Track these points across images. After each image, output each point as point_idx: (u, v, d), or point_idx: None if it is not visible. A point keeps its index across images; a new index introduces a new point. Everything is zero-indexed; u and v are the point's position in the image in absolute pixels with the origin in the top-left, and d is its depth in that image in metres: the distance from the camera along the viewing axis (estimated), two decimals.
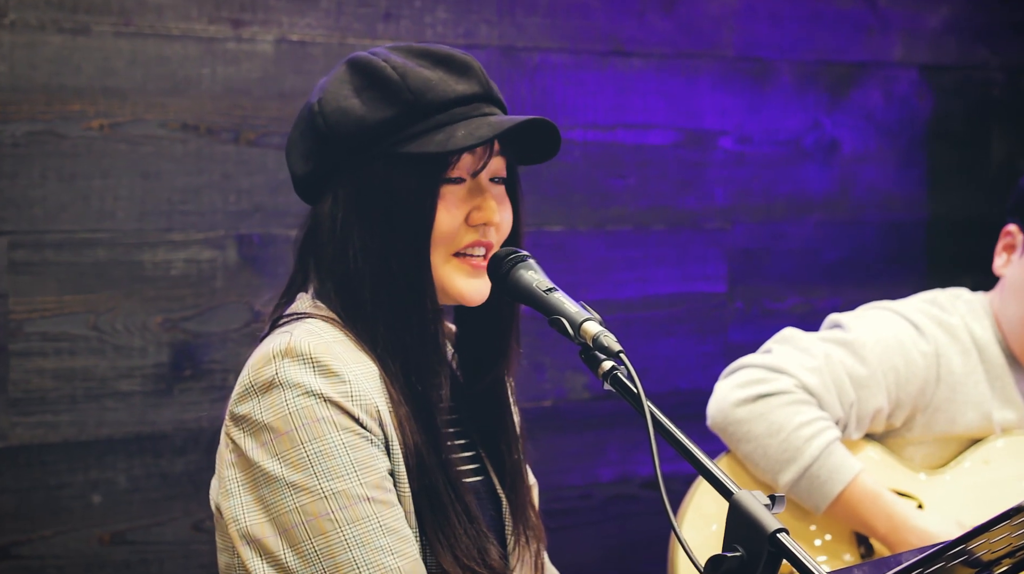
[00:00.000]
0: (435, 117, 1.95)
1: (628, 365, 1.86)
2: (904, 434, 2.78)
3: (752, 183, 3.49)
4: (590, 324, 1.89)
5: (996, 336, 2.84)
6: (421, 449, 1.94)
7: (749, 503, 1.77)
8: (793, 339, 2.76)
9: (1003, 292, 2.81)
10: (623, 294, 3.35)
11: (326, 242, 1.99)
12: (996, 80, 3.80)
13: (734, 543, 1.75)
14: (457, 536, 1.95)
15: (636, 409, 1.86)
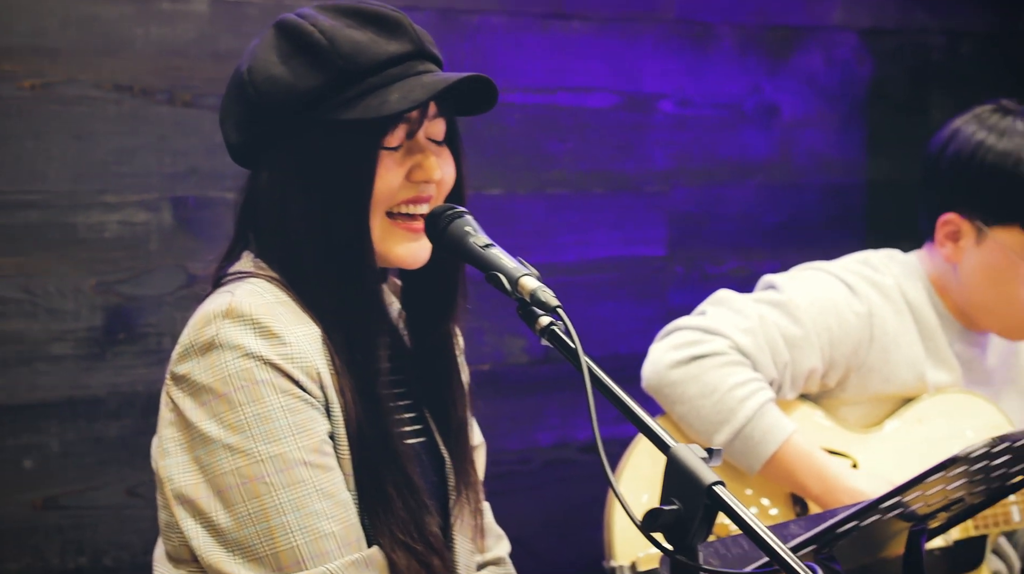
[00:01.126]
0: (368, 80, 1.92)
1: (566, 320, 1.85)
2: (838, 394, 2.78)
3: (692, 147, 3.49)
4: (528, 279, 1.88)
5: (930, 297, 2.85)
6: (362, 420, 1.93)
7: (686, 457, 1.76)
8: (727, 301, 2.76)
9: (959, 275, 2.80)
10: (563, 258, 3.34)
11: (265, 210, 1.97)
12: (935, 44, 3.81)
13: (671, 497, 1.75)
14: (394, 510, 1.94)
15: (573, 364, 1.85)
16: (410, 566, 1.93)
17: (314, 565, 1.86)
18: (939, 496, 1.93)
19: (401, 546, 1.93)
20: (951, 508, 2.04)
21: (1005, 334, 2.84)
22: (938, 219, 2.81)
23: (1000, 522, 2.73)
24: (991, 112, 2.81)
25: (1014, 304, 2.75)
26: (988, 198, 2.74)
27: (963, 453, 1.73)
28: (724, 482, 1.74)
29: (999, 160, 2.73)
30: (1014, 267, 2.73)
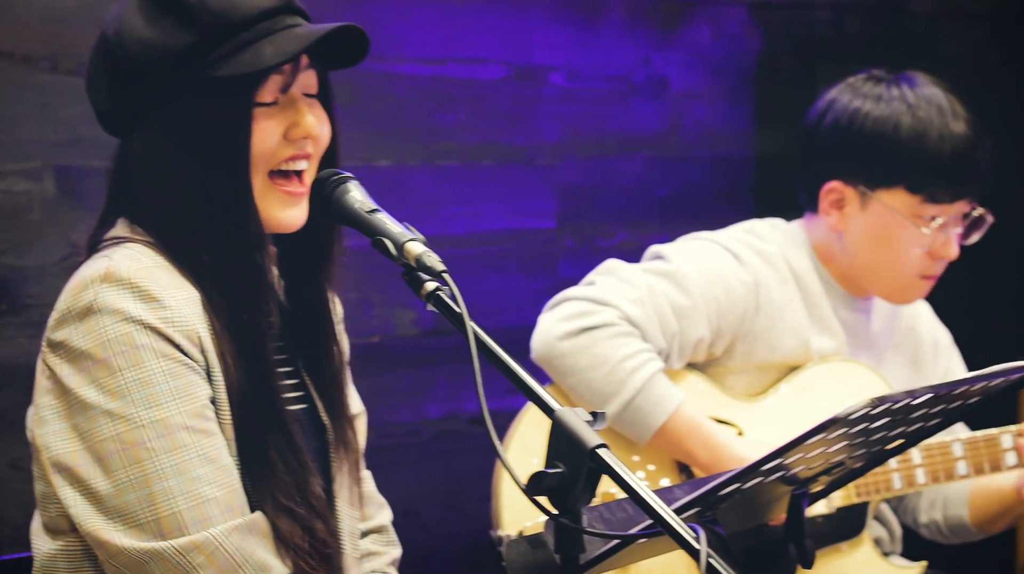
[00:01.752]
0: (239, 36, 1.91)
1: (452, 285, 1.85)
2: (725, 363, 2.81)
3: (582, 119, 3.49)
4: (413, 244, 1.87)
5: (814, 264, 2.88)
6: (244, 382, 1.91)
7: (570, 420, 1.76)
8: (616, 271, 2.77)
9: (845, 242, 2.84)
10: (453, 230, 3.33)
11: (142, 177, 1.95)
12: (822, 19, 3.84)
13: (555, 460, 1.76)
14: (276, 474, 1.92)
15: (459, 328, 1.85)
16: (293, 530, 1.92)
17: (196, 530, 1.84)
18: (820, 459, 1.95)
19: (284, 510, 1.91)
20: (832, 472, 2.06)
21: (892, 297, 2.88)
22: (821, 188, 2.84)
23: (882, 489, 2.77)
24: (864, 81, 2.86)
25: (902, 265, 2.80)
26: (870, 163, 2.78)
27: (842, 414, 1.74)
28: (608, 445, 1.75)
29: (877, 125, 2.77)
30: (901, 228, 2.77)
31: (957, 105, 2.80)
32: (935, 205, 2.77)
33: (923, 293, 2.87)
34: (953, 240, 2.81)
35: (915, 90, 2.80)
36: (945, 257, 2.81)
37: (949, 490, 2.97)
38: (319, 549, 1.95)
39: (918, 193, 2.76)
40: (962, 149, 2.75)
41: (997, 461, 2.79)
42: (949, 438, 2.80)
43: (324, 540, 1.96)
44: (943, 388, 1.88)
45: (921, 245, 2.78)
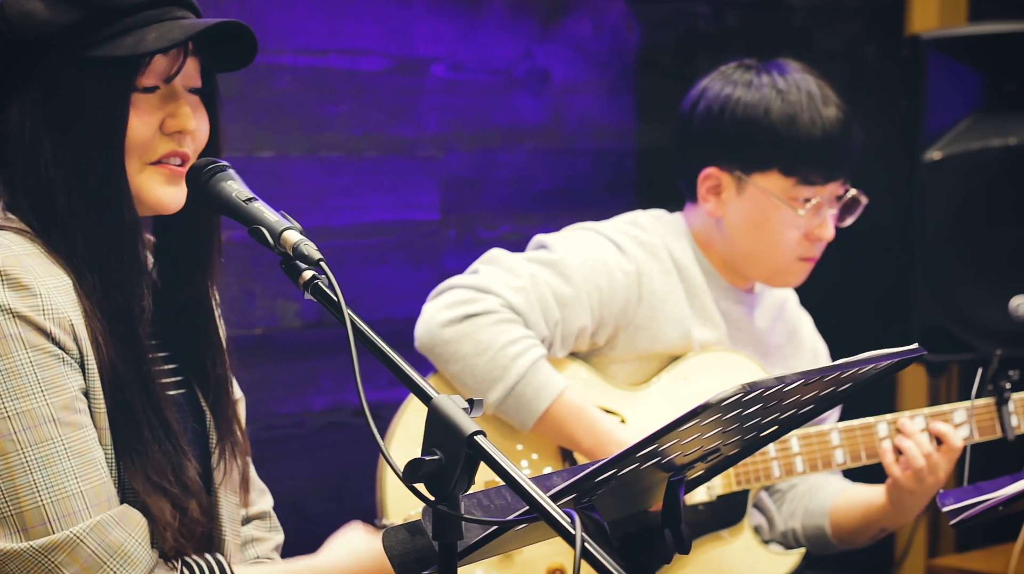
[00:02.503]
0: (124, 20, 1.90)
1: (328, 273, 1.85)
2: (608, 352, 2.84)
3: (465, 111, 3.50)
4: (290, 233, 1.87)
5: (695, 254, 2.92)
6: (117, 363, 1.90)
7: (447, 407, 1.78)
8: (499, 259, 2.79)
9: (724, 229, 2.88)
10: (337, 221, 3.33)
11: (15, 153, 1.93)
12: (702, 14, 3.89)
13: (433, 447, 1.77)
14: (150, 454, 1.92)
15: (336, 317, 1.85)
16: (165, 510, 1.91)
17: (61, 525, 1.83)
18: (695, 445, 1.98)
19: (156, 489, 1.91)
20: (708, 458, 2.09)
21: (772, 281, 2.93)
22: (698, 175, 2.88)
23: (761, 477, 2.81)
24: (735, 69, 2.91)
25: (780, 248, 2.84)
26: (743, 148, 2.83)
27: (714, 400, 1.77)
28: (485, 432, 1.76)
29: (749, 111, 2.82)
30: (777, 210, 2.82)
31: (827, 90, 2.86)
32: (809, 187, 2.82)
33: (802, 276, 2.91)
34: (828, 221, 2.86)
35: (785, 76, 2.85)
36: (821, 238, 2.86)
37: (811, 501, 3.00)
38: (191, 528, 1.94)
39: (792, 175, 2.81)
40: (833, 130, 2.81)
41: (873, 449, 2.85)
42: (827, 427, 2.85)
43: (196, 519, 1.96)
44: (813, 374, 1.91)
45: (797, 227, 2.83)
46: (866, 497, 2.93)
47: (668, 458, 1.97)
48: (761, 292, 3.01)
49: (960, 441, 2.80)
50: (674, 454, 1.96)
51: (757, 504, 3.00)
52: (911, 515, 2.87)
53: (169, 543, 1.92)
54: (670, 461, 1.99)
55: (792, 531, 3.00)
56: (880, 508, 2.88)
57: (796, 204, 2.82)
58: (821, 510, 2.97)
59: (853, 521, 2.94)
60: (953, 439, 2.79)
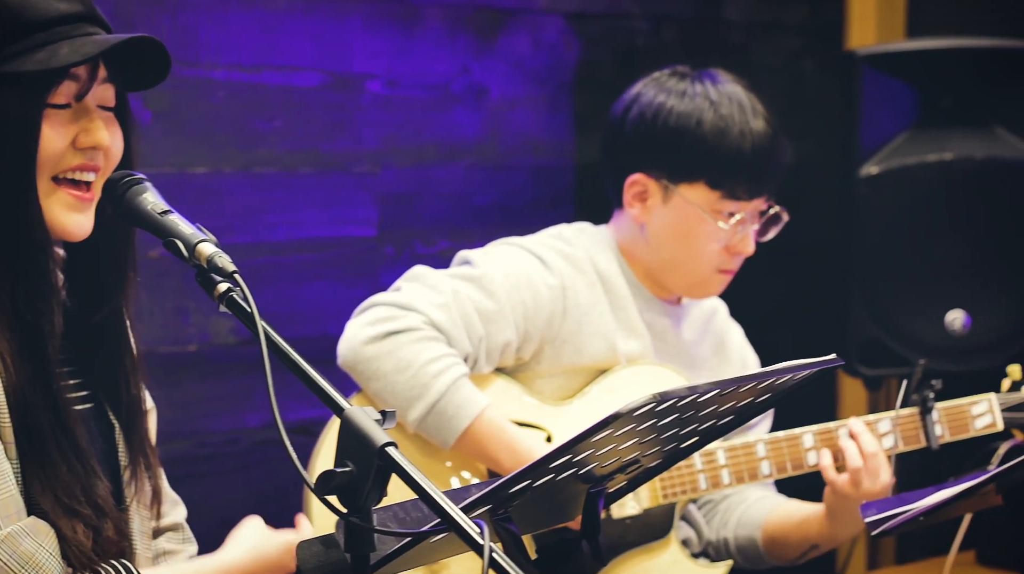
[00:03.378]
0: (36, 35, 1.90)
1: (243, 286, 1.85)
2: (533, 367, 2.83)
3: (401, 127, 3.50)
4: (205, 245, 1.87)
5: (620, 266, 2.92)
6: (25, 383, 1.89)
7: (359, 418, 1.78)
8: (422, 276, 2.79)
9: (647, 236, 2.89)
10: (272, 237, 3.32)
11: None
12: (640, 29, 3.90)
13: (344, 459, 1.77)
14: (59, 475, 1.91)
15: (250, 329, 1.85)
16: (77, 531, 1.90)
17: None
18: (612, 456, 1.98)
19: (67, 511, 1.90)
20: (628, 470, 2.09)
21: (691, 292, 2.93)
22: (625, 181, 2.89)
23: (688, 490, 2.81)
24: (669, 76, 2.91)
25: (700, 259, 2.85)
26: (673, 157, 2.83)
27: (625, 409, 1.77)
28: (396, 443, 1.76)
29: (681, 120, 2.83)
30: (701, 222, 2.83)
31: (756, 103, 2.87)
32: (734, 201, 2.83)
33: (720, 287, 2.92)
34: (750, 236, 2.87)
35: (717, 87, 2.86)
36: (742, 253, 2.87)
37: (745, 511, 3.01)
38: (104, 546, 1.93)
39: (718, 189, 2.83)
40: (761, 146, 2.82)
41: (799, 460, 2.85)
42: (753, 439, 2.85)
43: (111, 538, 1.95)
44: (728, 384, 1.91)
45: (719, 240, 2.84)
46: (801, 512, 2.93)
47: (586, 469, 1.97)
48: (688, 304, 3.02)
49: (873, 445, 2.80)
50: (591, 465, 1.96)
51: (685, 517, 3.00)
52: (845, 532, 2.87)
53: (82, 562, 1.91)
54: (588, 472, 1.99)
55: (724, 541, 3.00)
56: (815, 523, 2.88)
57: (720, 218, 2.83)
58: (754, 522, 2.97)
59: (786, 535, 2.94)
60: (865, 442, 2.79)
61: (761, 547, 2.96)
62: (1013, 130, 3.69)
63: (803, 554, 2.95)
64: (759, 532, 2.96)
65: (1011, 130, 3.69)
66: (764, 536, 2.96)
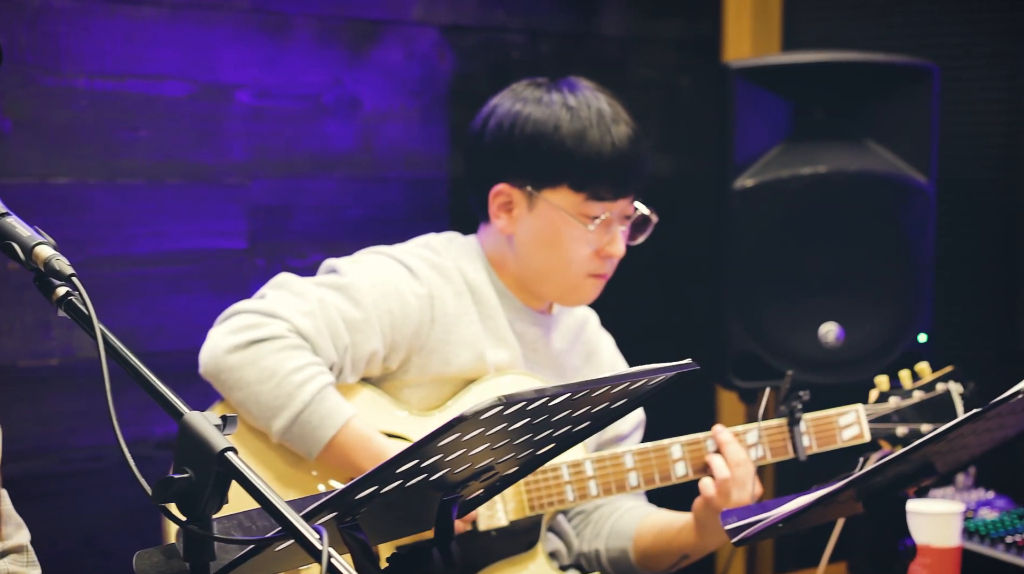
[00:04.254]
0: None
1: (80, 289, 1.80)
2: (401, 377, 2.80)
3: (272, 138, 3.45)
4: (42, 248, 1.82)
5: (489, 275, 2.90)
6: None
7: (198, 423, 1.74)
8: (288, 284, 2.75)
9: (515, 246, 2.87)
10: (137, 249, 3.26)
11: None
12: (516, 42, 3.89)
13: (183, 465, 1.73)
14: None
15: (88, 333, 1.81)
16: None
17: None
18: (464, 462, 1.94)
19: None
20: (484, 478, 2.06)
21: (564, 299, 2.92)
22: (489, 192, 2.88)
23: (555, 501, 2.78)
24: (525, 86, 2.91)
25: (570, 264, 2.84)
26: (533, 164, 2.83)
27: (469, 412, 1.74)
28: (236, 449, 1.72)
29: (538, 127, 2.82)
30: (568, 226, 2.82)
31: (618, 108, 2.87)
32: (598, 203, 2.82)
33: (594, 293, 2.91)
34: (619, 238, 2.87)
35: (575, 94, 2.86)
36: (612, 256, 2.86)
37: (616, 522, 2.99)
38: None
39: (581, 191, 2.82)
40: (623, 147, 2.82)
41: (667, 471, 2.84)
42: (621, 450, 2.83)
43: None
44: (580, 388, 1.89)
45: (587, 243, 2.83)
46: (672, 521, 2.92)
47: (437, 475, 1.93)
48: (559, 314, 3.00)
49: (740, 455, 2.80)
50: (442, 471, 1.93)
51: (555, 529, 2.98)
52: (715, 541, 2.86)
53: None
54: (441, 479, 1.96)
55: (596, 552, 2.98)
56: (685, 532, 2.87)
57: (586, 220, 2.82)
58: (626, 532, 2.96)
59: (657, 545, 2.92)
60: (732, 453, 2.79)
61: (633, 558, 2.94)
62: (885, 143, 3.72)
63: (675, 564, 2.94)
64: (631, 543, 2.95)
65: (883, 143, 3.72)
66: (636, 547, 2.94)
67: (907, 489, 2.38)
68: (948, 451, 2.37)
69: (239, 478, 1.69)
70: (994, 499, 3.51)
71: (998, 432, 2.45)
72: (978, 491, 3.53)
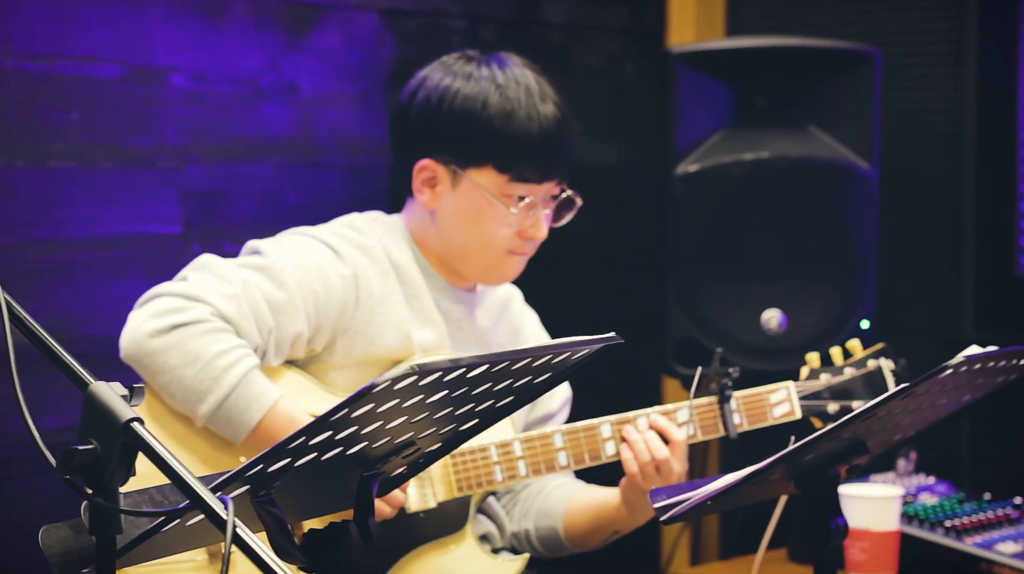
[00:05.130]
0: None
1: None
2: (326, 359, 2.77)
3: (208, 123, 3.41)
4: None
5: (414, 255, 2.87)
6: None
7: (104, 394, 1.71)
8: (210, 266, 2.72)
9: (438, 223, 2.85)
10: (69, 234, 3.21)
11: None
12: (457, 28, 3.85)
13: (88, 436, 1.70)
14: None
15: None
16: None
17: None
18: (383, 436, 1.91)
19: None
20: (405, 454, 2.03)
21: (486, 278, 2.89)
22: (414, 167, 2.85)
23: (484, 482, 2.75)
24: (456, 59, 2.88)
25: (492, 244, 2.81)
26: (459, 141, 2.79)
27: (380, 380, 1.71)
28: (142, 419, 1.69)
29: (466, 104, 2.79)
30: (490, 206, 2.79)
31: (546, 87, 2.84)
32: (523, 184, 2.80)
33: (515, 270, 2.88)
34: (542, 221, 2.84)
35: (505, 70, 2.83)
36: (534, 238, 2.84)
37: (544, 501, 2.96)
38: None
39: (506, 172, 2.79)
40: (549, 130, 2.79)
41: (597, 451, 2.81)
42: (550, 429, 2.81)
43: None
44: (499, 359, 1.87)
45: (510, 225, 2.80)
46: (600, 498, 2.89)
47: (355, 449, 1.90)
48: (483, 291, 2.98)
49: (682, 434, 2.78)
50: (360, 445, 1.90)
51: (487, 511, 2.95)
52: (644, 516, 2.84)
53: None
54: (360, 454, 1.93)
55: (525, 532, 2.96)
56: (613, 509, 2.85)
57: (509, 202, 2.79)
58: (555, 511, 2.93)
59: (586, 522, 2.90)
60: (674, 433, 2.77)
61: (563, 536, 2.92)
62: (827, 129, 3.70)
63: (605, 539, 2.93)
64: (560, 521, 2.92)
65: (825, 129, 3.70)
66: (565, 525, 2.92)
67: (838, 467, 2.36)
68: (879, 429, 2.35)
69: (145, 449, 1.66)
70: (935, 485, 3.50)
71: (930, 411, 2.43)
72: (919, 477, 3.52)
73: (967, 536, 3.26)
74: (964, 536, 3.25)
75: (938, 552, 3.25)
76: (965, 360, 2.15)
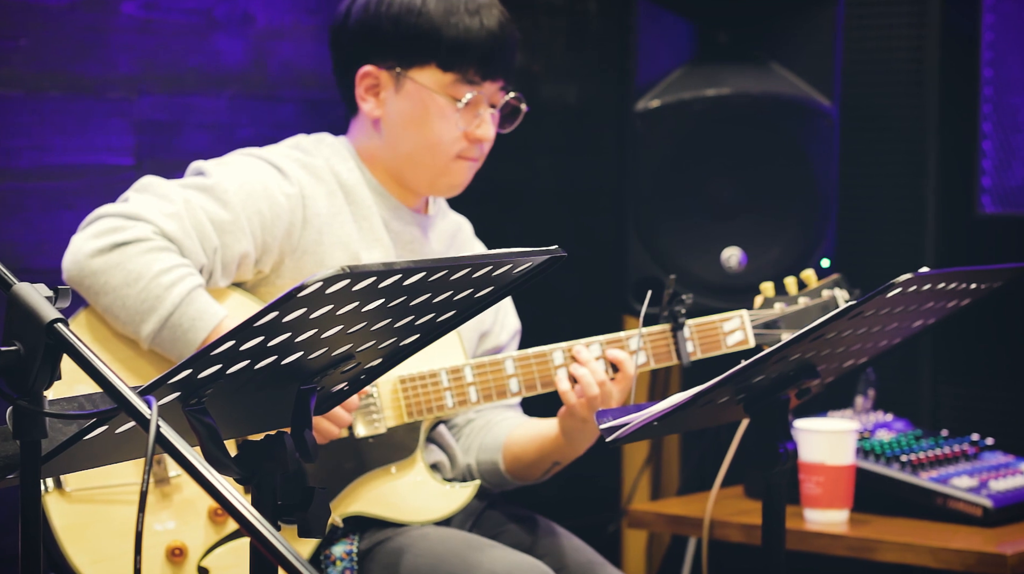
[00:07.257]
0: None
1: None
2: (275, 281, 2.74)
3: (160, 52, 3.36)
4: None
5: (362, 174, 2.84)
6: None
7: (28, 294, 1.67)
8: (152, 187, 2.68)
9: (383, 132, 2.81)
10: (17, 163, 3.16)
11: None
12: None
13: (12, 338, 1.66)
14: None
15: None
16: None
17: None
18: (320, 346, 1.88)
19: None
20: (345, 368, 1.99)
21: (435, 186, 2.86)
22: (356, 75, 2.82)
23: (434, 408, 2.72)
24: None
25: (440, 145, 2.78)
26: (400, 42, 2.77)
27: (309, 280, 1.67)
28: (66, 320, 1.65)
29: (404, 5, 2.78)
30: (436, 104, 2.77)
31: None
32: (467, 85, 2.77)
33: (465, 176, 2.84)
34: (488, 121, 2.81)
35: None
36: (481, 140, 2.80)
37: (486, 436, 2.93)
38: None
39: (449, 70, 2.77)
40: (491, 27, 2.77)
41: (549, 378, 2.78)
42: (501, 356, 2.77)
43: None
44: (437, 266, 1.83)
45: (456, 124, 2.77)
46: (539, 430, 2.86)
47: (291, 359, 1.87)
48: (435, 215, 2.94)
49: (633, 370, 2.75)
50: (295, 354, 1.86)
51: (438, 441, 2.92)
52: (582, 446, 2.81)
53: None
54: (296, 364, 1.89)
55: (468, 467, 2.93)
56: (552, 440, 2.82)
57: (453, 100, 2.77)
58: (495, 444, 2.90)
59: (526, 454, 2.86)
60: (627, 366, 2.74)
61: (503, 469, 2.88)
62: (788, 66, 3.67)
63: (546, 471, 2.89)
64: (500, 454, 2.89)
65: (786, 66, 3.67)
66: (505, 458, 2.88)
67: (788, 391, 2.34)
68: (829, 352, 2.32)
69: (69, 350, 1.62)
70: (893, 422, 3.49)
71: (880, 337, 2.40)
72: (877, 414, 3.50)
73: (923, 471, 3.24)
74: (920, 471, 3.24)
75: (893, 487, 3.23)
76: (913, 277, 2.12)
